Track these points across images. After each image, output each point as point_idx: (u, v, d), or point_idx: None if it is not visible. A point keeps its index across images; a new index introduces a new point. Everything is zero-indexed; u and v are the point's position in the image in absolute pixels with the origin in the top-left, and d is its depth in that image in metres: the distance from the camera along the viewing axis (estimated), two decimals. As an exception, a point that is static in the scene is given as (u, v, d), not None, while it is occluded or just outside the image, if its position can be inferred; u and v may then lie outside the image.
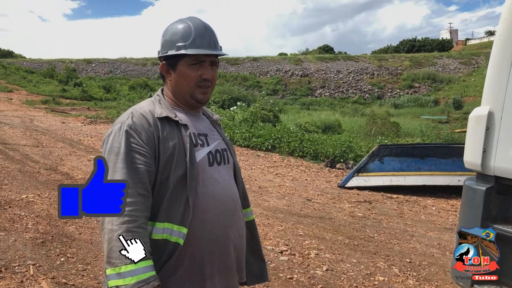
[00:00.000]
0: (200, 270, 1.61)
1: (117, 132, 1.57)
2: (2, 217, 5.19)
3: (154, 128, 1.58)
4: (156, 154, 1.56)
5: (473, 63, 58.04)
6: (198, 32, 1.66)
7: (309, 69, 55.35)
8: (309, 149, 12.01)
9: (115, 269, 1.40)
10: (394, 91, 51.41)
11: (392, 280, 4.22)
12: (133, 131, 1.55)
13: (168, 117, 1.62)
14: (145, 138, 1.55)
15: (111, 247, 1.42)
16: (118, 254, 1.40)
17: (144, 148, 1.54)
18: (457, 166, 8.06)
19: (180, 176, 1.56)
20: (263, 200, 7.20)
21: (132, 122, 1.57)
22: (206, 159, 1.66)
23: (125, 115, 1.62)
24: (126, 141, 1.53)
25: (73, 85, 34.10)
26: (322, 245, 5.10)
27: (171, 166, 1.56)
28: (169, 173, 1.56)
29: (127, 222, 1.42)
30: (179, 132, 1.62)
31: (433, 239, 5.63)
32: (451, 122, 29.76)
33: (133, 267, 1.39)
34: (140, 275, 1.40)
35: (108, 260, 1.43)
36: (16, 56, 59.65)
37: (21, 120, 16.32)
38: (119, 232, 1.40)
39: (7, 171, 7.69)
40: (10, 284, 3.56)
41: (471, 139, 2.72)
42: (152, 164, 1.55)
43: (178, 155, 1.57)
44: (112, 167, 1.48)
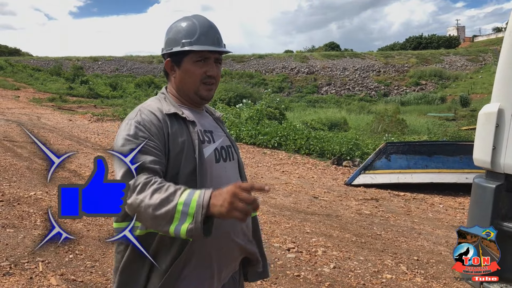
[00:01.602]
0: (208, 265, 1.62)
1: (127, 128, 1.56)
2: (11, 214, 5.23)
3: (164, 124, 1.59)
4: (166, 149, 1.56)
5: (480, 60, 57.66)
6: (203, 30, 1.67)
7: (315, 66, 55.22)
8: (315, 146, 11.99)
9: (179, 205, 1.35)
10: (400, 89, 51.19)
11: (400, 278, 4.21)
12: (142, 127, 1.55)
13: (176, 113, 1.63)
14: (154, 133, 1.55)
15: (155, 205, 1.36)
16: (167, 200, 1.36)
17: (154, 143, 1.54)
18: (464, 164, 8.02)
19: (190, 172, 1.56)
20: (270, 198, 7.20)
21: (141, 118, 1.58)
22: (213, 156, 1.67)
23: (133, 112, 1.63)
24: (135, 136, 1.53)
25: (80, 83, 34.31)
26: (329, 243, 5.09)
27: (180, 162, 1.56)
28: (178, 170, 1.56)
29: (151, 184, 1.39)
30: (187, 129, 1.62)
31: (440, 237, 5.61)
32: (458, 119, 29.60)
33: (186, 192, 1.37)
34: (195, 194, 1.37)
35: (163, 216, 1.36)
36: (23, 54, 59.99)
37: (29, 118, 16.43)
38: (149, 196, 1.37)
39: (16, 169, 7.75)
40: (20, 281, 3.59)
41: (480, 137, 2.70)
42: (163, 157, 1.54)
43: (187, 151, 1.58)
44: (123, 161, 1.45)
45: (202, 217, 1.33)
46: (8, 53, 55.81)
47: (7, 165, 7.98)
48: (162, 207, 1.35)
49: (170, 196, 1.37)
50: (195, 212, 1.34)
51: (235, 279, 1.80)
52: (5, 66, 40.97)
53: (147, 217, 1.38)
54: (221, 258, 1.64)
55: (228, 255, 1.68)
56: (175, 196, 1.37)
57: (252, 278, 1.91)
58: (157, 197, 1.37)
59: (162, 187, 1.39)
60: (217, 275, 1.64)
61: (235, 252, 1.71)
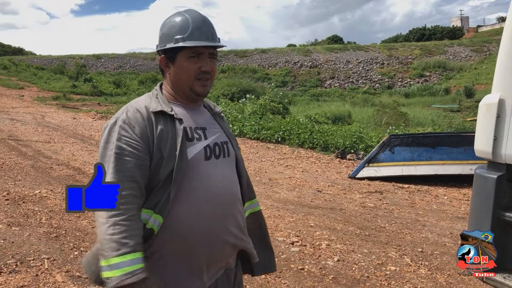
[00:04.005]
0: (197, 262, 1.62)
1: (112, 127, 1.60)
2: (16, 213, 5.27)
3: (148, 122, 1.59)
4: (150, 148, 1.58)
5: (484, 51, 57.32)
6: (196, 25, 1.66)
7: (318, 60, 55.10)
8: (319, 140, 11.98)
9: (107, 261, 1.46)
10: (404, 81, 51.02)
11: (404, 270, 4.21)
12: (127, 125, 1.57)
13: (163, 111, 1.63)
14: (138, 132, 1.57)
15: (102, 240, 1.48)
16: (108, 246, 1.46)
17: (137, 142, 1.56)
18: (469, 155, 7.98)
19: (171, 169, 1.57)
20: (274, 192, 7.21)
21: (126, 116, 1.60)
22: (202, 153, 1.66)
23: (121, 110, 1.65)
24: (118, 135, 1.56)
25: (83, 81, 34.41)
26: (333, 236, 5.10)
27: (163, 160, 1.57)
28: (160, 168, 1.57)
29: (115, 216, 1.47)
30: (173, 126, 1.62)
31: (445, 229, 5.60)
32: (462, 110, 29.50)
33: (120, 259, 1.45)
34: (126, 268, 1.44)
35: (101, 252, 1.48)
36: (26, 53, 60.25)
37: (33, 117, 16.50)
38: (106, 226, 1.47)
39: (20, 167, 7.79)
40: (26, 278, 3.62)
41: (481, 127, 2.69)
42: (146, 158, 1.57)
43: (170, 149, 1.58)
44: (107, 161, 1.54)
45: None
46: (11, 53, 56.09)
47: (12, 163, 8.03)
48: (104, 242, 1.48)
49: (113, 244, 1.46)
50: (106, 277, 1.46)
51: (229, 276, 1.78)
52: (9, 65, 41.17)
53: (98, 231, 1.52)
54: (210, 254, 1.64)
55: (218, 251, 1.67)
56: (112, 252, 1.46)
57: (257, 272, 1.91)
58: (108, 232, 1.48)
59: (121, 226, 1.49)
60: (206, 270, 1.64)
61: (226, 249, 1.70)
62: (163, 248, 1.59)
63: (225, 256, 1.72)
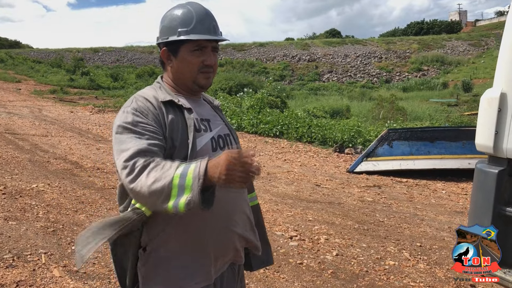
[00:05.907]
0: (205, 254, 1.60)
1: (123, 116, 1.54)
2: (13, 207, 5.24)
3: (159, 111, 1.56)
4: (165, 135, 1.54)
5: (482, 45, 57.31)
6: (199, 18, 1.63)
7: (316, 53, 54.98)
8: (317, 134, 11.96)
9: (173, 180, 1.31)
10: (402, 75, 50.98)
11: (403, 264, 4.21)
12: (139, 113, 1.53)
13: (172, 101, 1.60)
14: (152, 118, 1.53)
15: (151, 184, 1.33)
16: (163, 176, 1.33)
17: (153, 127, 1.52)
18: (467, 149, 7.98)
19: (182, 159, 1.52)
20: (272, 186, 7.20)
21: (137, 105, 1.56)
22: (209, 145, 1.64)
23: (129, 101, 1.61)
24: (134, 122, 1.50)
25: (81, 74, 34.22)
26: (332, 230, 5.09)
27: (174, 150, 1.55)
28: (171, 157, 1.52)
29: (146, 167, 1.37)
30: (182, 116, 1.60)
31: (443, 223, 5.60)
32: (460, 105, 29.47)
33: (181, 167, 1.34)
34: (192, 165, 1.34)
35: (162, 190, 1.32)
36: (23, 46, 59.90)
37: (30, 110, 16.43)
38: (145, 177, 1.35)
39: (17, 161, 7.75)
40: (23, 273, 3.60)
41: (482, 122, 2.67)
42: (162, 140, 1.52)
43: (181, 139, 1.56)
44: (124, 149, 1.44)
45: (199, 188, 1.28)
46: (8, 46, 55.73)
47: (9, 157, 7.99)
48: (158, 182, 1.32)
49: (166, 172, 1.34)
50: (192, 184, 1.29)
51: (234, 270, 1.78)
52: (6, 58, 40.93)
53: (145, 196, 1.35)
54: (218, 247, 1.63)
55: (226, 244, 1.66)
56: (170, 171, 1.33)
57: (256, 266, 1.91)
58: (153, 175, 1.34)
59: (158, 165, 1.37)
60: (213, 263, 1.63)
61: (234, 242, 1.69)
62: (171, 239, 1.56)
63: (232, 249, 1.70)
